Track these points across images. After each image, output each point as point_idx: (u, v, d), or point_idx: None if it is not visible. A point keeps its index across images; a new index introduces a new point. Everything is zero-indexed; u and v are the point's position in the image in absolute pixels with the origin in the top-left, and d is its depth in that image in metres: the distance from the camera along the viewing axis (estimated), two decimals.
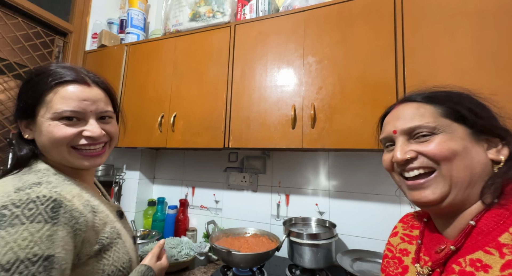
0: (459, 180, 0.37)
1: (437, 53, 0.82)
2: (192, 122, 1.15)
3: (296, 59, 1.01)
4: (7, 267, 0.32)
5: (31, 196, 0.37)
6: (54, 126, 0.45)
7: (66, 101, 0.45)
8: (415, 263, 0.44)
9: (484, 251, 0.34)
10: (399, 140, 0.42)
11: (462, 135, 0.38)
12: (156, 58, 1.27)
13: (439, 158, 0.37)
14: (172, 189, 1.53)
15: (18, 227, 0.34)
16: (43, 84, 0.45)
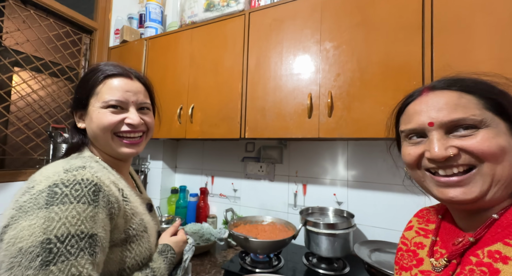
0: (502, 178, 0.33)
1: (472, 31, 0.73)
2: (209, 113, 1.17)
3: (313, 45, 0.97)
4: (62, 239, 0.37)
5: (77, 178, 0.42)
6: (102, 114, 0.51)
7: (112, 92, 0.52)
8: (430, 257, 0.43)
9: (504, 243, 0.33)
10: (436, 134, 0.37)
11: (505, 131, 0.34)
12: (174, 51, 1.30)
13: (487, 155, 0.33)
14: (192, 178, 1.60)
15: (68, 205, 0.39)
16: (94, 78, 0.53)
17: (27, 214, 0.38)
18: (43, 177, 0.42)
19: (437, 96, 0.38)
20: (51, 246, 0.36)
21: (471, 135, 0.34)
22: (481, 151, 0.33)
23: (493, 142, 0.33)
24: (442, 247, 0.42)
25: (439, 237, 0.44)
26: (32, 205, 0.38)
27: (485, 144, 0.33)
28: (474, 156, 0.34)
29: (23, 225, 0.37)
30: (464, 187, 0.35)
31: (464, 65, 0.73)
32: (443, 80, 0.40)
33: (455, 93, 0.37)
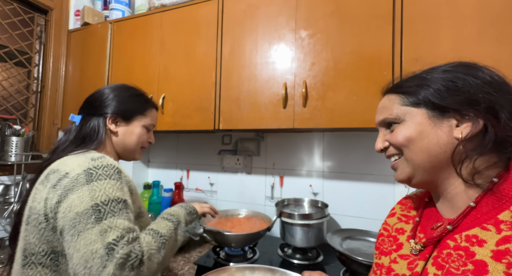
0: (418, 162, 0.39)
1: (438, 21, 0.75)
2: (182, 103, 1.11)
3: (288, 33, 0.94)
4: (105, 203, 0.48)
5: (103, 163, 0.53)
6: (144, 132, 0.70)
7: (154, 119, 0.73)
8: (409, 240, 0.43)
9: (481, 227, 0.33)
10: (380, 131, 0.46)
11: (419, 120, 0.39)
12: (142, 36, 1.20)
13: (398, 145, 0.41)
14: (167, 172, 1.53)
15: (104, 181, 0.50)
16: (146, 103, 0.71)
17: (73, 191, 0.48)
18: (75, 166, 0.52)
19: (381, 101, 0.47)
20: (99, 208, 0.47)
21: (393, 132, 0.42)
22: (394, 142, 0.42)
23: (400, 134, 0.40)
24: (421, 231, 0.43)
25: (420, 220, 0.45)
26: (75, 184, 0.49)
27: (394, 136, 0.41)
28: (394, 146, 0.42)
29: (73, 197, 0.48)
30: (397, 170, 0.43)
31: (430, 56, 0.74)
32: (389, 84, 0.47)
33: (387, 96, 0.45)
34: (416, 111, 0.39)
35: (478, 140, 0.35)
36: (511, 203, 0.32)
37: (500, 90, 0.35)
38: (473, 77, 0.36)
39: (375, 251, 0.51)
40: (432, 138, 0.37)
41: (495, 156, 0.35)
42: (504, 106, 0.34)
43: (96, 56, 1.29)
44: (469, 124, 0.35)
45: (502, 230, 0.31)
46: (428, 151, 0.38)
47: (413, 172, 0.40)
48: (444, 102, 0.36)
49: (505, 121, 0.33)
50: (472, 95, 0.35)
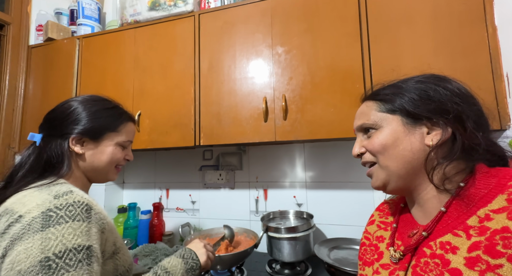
0: (393, 169, 0.40)
1: (399, 39, 0.83)
2: (159, 120, 1.07)
3: (265, 49, 0.97)
4: (60, 255, 0.40)
5: (69, 201, 0.45)
6: (117, 150, 0.60)
7: (130, 134, 0.63)
8: (389, 247, 0.44)
9: (453, 233, 0.34)
10: (358, 136, 0.46)
11: (395, 127, 0.40)
12: (114, 52, 1.16)
13: (374, 152, 0.42)
14: (144, 193, 1.43)
15: (64, 225, 0.42)
16: (119, 116, 0.62)
17: (21, 240, 0.40)
18: (32, 206, 0.44)
19: (360, 107, 0.48)
20: (50, 263, 0.39)
21: (369, 138, 0.43)
22: (371, 148, 0.42)
23: (376, 141, 0.41)
24: (399, 238, 0.44)
25: (398, 226, 0.46)
26: (26, 231, 0.41)
27: (371, 143, 0.42)
28: (371, 153, 0.43)
29: (19, 250, 0.39)
30: (372, 176, 0.44)
31: (396, 68, 0.81)
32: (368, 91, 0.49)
33: (365, 103, 0.46)
34: (392, 118, 0.40)
35: (448, 147, 0.38)
36: (478, 208, 0.34)
37: (467, 102, 0.38)
38: (443, 88, 0.39)
39: (359, 262, 0.51)
40: (406, 144, 0.39)
41: (463, 163, 0.38)
42: (470, 116, 0.37)
43: (61, 73, 1.20)
44: (439, 132, 0.37)
45: (472, 236, 0.32)
46: (402, 157, 0.39)
47: (388, 178, 0.41)
48: (417, 110, 0.38)
49: (471, 130, 0.36)
50: (442, 105, 0.38)
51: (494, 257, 0.29)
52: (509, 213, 0.30)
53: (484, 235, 0.31)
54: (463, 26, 0.78)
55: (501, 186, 0.33)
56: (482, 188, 0.35)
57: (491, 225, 0.31)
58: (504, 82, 0.74)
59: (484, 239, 0.31)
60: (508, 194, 0.32)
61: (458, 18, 0.78)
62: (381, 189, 0.43)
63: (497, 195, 0.33)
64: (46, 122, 0.59)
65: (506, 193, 0.32)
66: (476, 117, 0.38)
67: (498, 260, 0.29)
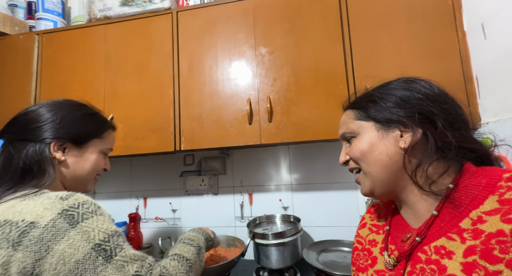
0: (374, 174, 0.41)
1: (378, 42, 0.85)
2: (135, 124, 0.99)
3: (248, 49, 0.94)
4: (106, 240, 0.43)
5: (79, 201, 0.45)
6: (101, 158, 0.59)
7: (112, 142, 0.63)
8: (383, 252, 0.43)
9: (447, 237, 0.34)
10: (343, 145, 0.47)
11: (370, 133, 0.41)
12: (82, 49, 1.05)
13: (355, 159, 0.43)
14: (119, 203, 1.32)
15: (91, 219, 0.44)
16: (104, 123, 0.61)
17: (56, 241, 0.40)
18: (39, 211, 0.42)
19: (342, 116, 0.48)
20: (103, 247, 0.42)
21: (351, 146, 0.44)
22: (351, 156, 0.43)
23: (355, 148, 0.42)
24: (392, 242, 0.43)
25: (391, 229, 0.45)
26: (54, 233, 0.40)
27: (351, 150, 0.43)
28: (353, 161, 0.44)
29: (61, 248, 0.40)
30: (360, 183, 0.44)
31: (377, 72, 0.83)
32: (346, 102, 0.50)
33: (346, 112, 0.47)
34: (367, 125, 0.42)
35: (423, 148, 0.37)
36: (469, 210, 0.33)
37: (436, 101, 0.38)
38: (412, 90, 0.39)
39: (352, 268, 0.50)
40: (382, 149, 0.39)
41: (443, 163, 0.37)
42: (439, 115, 0.37)
43: (17, 72, 1.07)
44: (410, 134, 0.38)
45: (466, 239, 0.31)
46: (380, 162, 0.39)
47: (373, 184, 0.41)
48: (388, 115, 0.39)
49: (441, 129, 0.36)
50: (411, 108, 0.38)
51: (492, 263, 0.28)
52: (502, 215, 0.30)
53: (479, 239, 0.30)
54: (436, 31, 0.82)
55: (491, 187, 0.33)
56: (472, 189, 0.34)
57: (485, 228, 0.30)
58: (474, 84, 0.79)
59: (480, 243, 0.30)
60: (499, 195, 0.31)
61: (432, 23, 0.82)
62: (369, 195, 0.43)
63: (488, 195, 0.32)
64: (17, 126, 0.52)
65: (497, 193, 0.32)
66: (446, 115, 0.37)
67: (496, 266, 0.28)
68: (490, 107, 0.75)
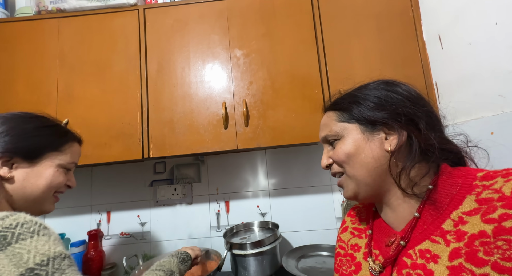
0: (359, 177, 0.39)
1: (350, 49, 0.88)
2: (94, 130, 0.88)
3: (222, 51, 0.91)
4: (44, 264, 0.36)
5: (19, 221, 0.39)
6: (60, 173, 0.53)
7: (75, 156, 0.57)
8: (367, 258, 0.42)
9: (431, 240, 0.34)
10: (324, 147, 0.45)
11: (355, 135, 0.40)
12: (29, 45, 0.92)
13: (340, 162, 0.41)
14: (76, 220, 1.16)
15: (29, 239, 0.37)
16: (64, 136, 0.55)
17: None
18: None
19: (323, 118, 0.47)
20: (37, 271, 0.35)
21: (334, 149, 0.42)
22: (336, 159, 0.42)
23: (340, 151, 0.41)
24: (375, 247, 0.42)
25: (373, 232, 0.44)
26: None
27: (336, 153, 0.41)
28: (337, 163, 0.42)
29: None
30: (343, 187, 0.43)
31: (349, 75, 0.85)
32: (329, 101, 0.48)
33: (326, 113, 0.46)
34: (351, 127, 0.40)
35: (407, 150, 0.38)
36: (450, 210, 0.34)
37: (418, 104, 0.39)
38: (394, 92, 0.40)
39: (335, 274, 0.49)
40: (368, 152, 0.38)
41: (425, 165, 0.38)
42: (422, 117, 0.38)
43: None
44: (395, 136, 0.38)
45: (450, 242, 0.31)
46: (366, 165, 0.38)
47: (357, 188, 0.40)
48: (372, 116, 0.39)
49: (424, 131, 0.37)
50: (395, 109, 0.38)
51: (478, 266, 0.28)
52: (482, 215, 0.30)
53: (462, 241, 0.30)
54: (401, 40, 0.87)
55: (467, 186, 0.34)
56: (450, 189, 0.35)
57: (467, 229, 0.30)
58: (434, 90, 0.86)
59: (464, 245, 0.30)
60: (476, 195, 0.32)
61: (397, 33, 0.88)
62: (353, 199, 0.42)
63: (466, 195, 0.33)
64: None
65: (474, 193, 0.32)
66: (427, 118, 0.38)
67: (482, 268, 0.28)
68: (448, 111, 0.82)
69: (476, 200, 0.32)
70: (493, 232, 0.28)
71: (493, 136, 0.62)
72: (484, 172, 0.34)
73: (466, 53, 0.71)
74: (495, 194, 0.30)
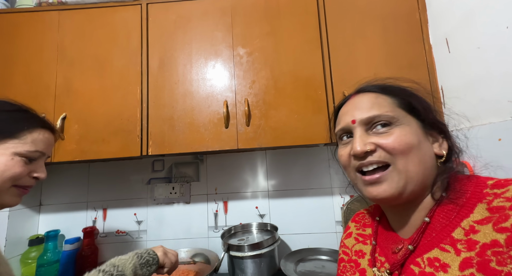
0: (414, 175, 0.35)
1: (355, 50, 0.87)
2: (93, 125, 0.86)
3: (225, 49, 0.89)
4: None
5: None
6: (15, 162, 0.48)
7: (39, 144, 0.51)
8: (372, 266, 0.40)
9: (440, 248, 0.32)
10: (358, 131, 0.38)
11: (416, 128, 0.37)
12: (28, 37, 0.90)
13: (397, 151, 0.35)
14: (71, 216, 1.14)
15: None
16: (24, 121, 0.50)
17: None
18: None
19: (361, 98, 0.41)
20: None
21: (387, 133, 0.36)
22: (392, 147, 0.35)
23: (403, 139, 0.35)
24: (381, 254, 0.41)
25: (377, 242, 0.43)
26: None
27: (396, 141, 0.35)
28: (388, 152, 0.36)
29: None
30: (384, 183, 0.36)
31: (353, 76, 0.84)
32: (365, 84, 0.43)
33: (373, 94, 0.40)
34: (411, 119, 0.37)
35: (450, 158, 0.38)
36: (460, 218, 0.32)
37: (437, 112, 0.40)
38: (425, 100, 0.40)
39: None
40: (427, 149, 0.36)
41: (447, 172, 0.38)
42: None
43: None
44: (442, 142, 0.38)
45: (461, 251, 0.30)
46: (424, 162, 0.35)
47: (406, 184, 0.35)
48: (434, 119, 0.38)
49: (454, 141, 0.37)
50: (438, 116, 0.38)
51: None
52: (494, 224, 0.29)
53: (474, 250, 0.29)
54: (407, 42, 0.86)
55: (477, 194, 0.33)
56: (460, 196, 0.34)
57: (479, 238, 0.29)
58: (440, 94, 0.84)
59: (475, 254, 0.29)
60: (487, 203, 0.31)
61: (402, 35, 0.86)
62: (391, 200, 0.35)
63: (477, 203, 0.32)
64: None
65: (485, 201, 0.32)
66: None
67: None
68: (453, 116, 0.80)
69: (487, 208, 0.31)
70: (506, 242, 0.27)
71: (500, 143, 0.61)
72: (494, 180, 0.33)
73: (474, 57, 0.70)
74: (507, 203, 0.29)
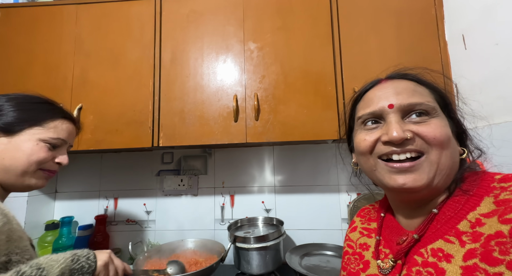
0: (444, 168, 0.34)
1: (367, 45, 0.86)
2: (107, 116, 0.89)
3: (236, 44, 0.90)
4: None
5: None
6: (40, 147, 0.52)
7: (61, 132, 0.56)
8: (376, 258, 0.41)
9: (445, 239, 0.33)
10: (394, 116, 0.36)
11: (447, 123, 0.36)
12: (47, 30, 0.94)
13: (438, 142, 0.33)
14: (84, 204, 1.19)
15: None
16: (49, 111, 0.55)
17: None
18: None
19: (396, 83, 0.39)
20: None
21: (425, 122, 0.35)
22: (434, 137, 0.34)
23: (444, 130, 0.35)
24: (386, 246, 0.41)
25: (382, 236, 0.43)
26: None
27: (437, 130, 0.34)
28: (426, 141, 0.34)
29: None
30: (414, 173, 0.34)
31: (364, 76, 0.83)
32: (396, 72, 0.42)
33: (412, 82, 0.39)
34: (442, 114, 0.37)
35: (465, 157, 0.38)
36: (466, 211, 0.33)
37: None
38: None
39: (342, 272, 0.48)
40: (455, 145, 0.37)
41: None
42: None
43: None
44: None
45: (466, 243, 0.31)
46: (454, 157, 0.35)
47: (436, 176, 0.34)
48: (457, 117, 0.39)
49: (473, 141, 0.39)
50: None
51: (493, 265, 0.27)
52: (499, 216, 0.29)
53: (478, 242, 0.29)
54: (421, 39, 0.84)
55: (485, 188, 0.33)
56: (467, 190, 0.34)
57: (484, 231, 0.30)
58: (454, 92, 0.82)
59: (480, 245, 0.29)
60: (494, 196, 0.31)
61: (417, 31, 0.85)
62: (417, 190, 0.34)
63: (483, 197, 0.32)
64: None
65: (492, 195, 0.32)
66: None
67: (496, 267, 0.27)
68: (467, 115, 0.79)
69: (494, 202, 0.31)
70: (509, 232, 0.27)
71: None
72: (502, 175, 0.33)
73: (492, 54, 0.68)
74: None
